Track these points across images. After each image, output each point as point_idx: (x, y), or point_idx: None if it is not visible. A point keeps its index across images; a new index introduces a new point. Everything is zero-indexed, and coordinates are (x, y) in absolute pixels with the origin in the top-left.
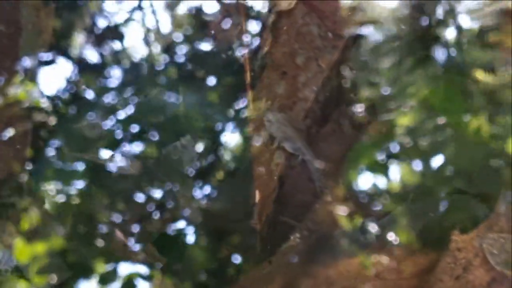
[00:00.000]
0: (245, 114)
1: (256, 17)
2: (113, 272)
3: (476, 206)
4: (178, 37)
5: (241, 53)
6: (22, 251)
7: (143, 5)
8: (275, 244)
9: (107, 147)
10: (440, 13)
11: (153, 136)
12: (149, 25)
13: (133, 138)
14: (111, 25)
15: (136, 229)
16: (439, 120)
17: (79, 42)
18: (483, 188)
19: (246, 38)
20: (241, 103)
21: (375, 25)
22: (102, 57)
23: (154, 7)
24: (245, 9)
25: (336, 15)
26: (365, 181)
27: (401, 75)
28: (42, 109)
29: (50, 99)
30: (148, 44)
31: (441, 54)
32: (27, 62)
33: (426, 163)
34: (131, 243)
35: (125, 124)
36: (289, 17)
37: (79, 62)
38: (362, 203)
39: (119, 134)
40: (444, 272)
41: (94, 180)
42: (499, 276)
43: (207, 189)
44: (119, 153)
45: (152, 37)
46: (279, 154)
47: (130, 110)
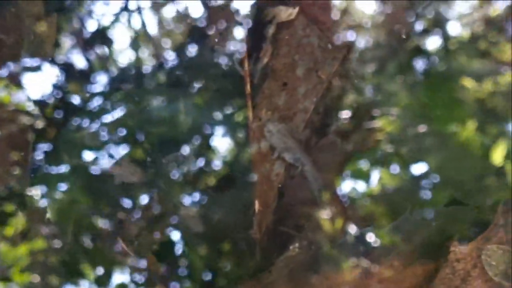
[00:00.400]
0: (245, 123)
1: (241, 22)
2: (106, 276)
3: (474, 217)
4: (168, 42)
5: (238, 62)
6: (6, 254)
7: (130, 7)
8: (274, 254)
9: (96, 151)
10: (424, 21)
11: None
12: (137, 28)
13: (124, 142)
14: (99, 28)
15: (135, 237)
16: (423, 128)
17: (66, 46)
18: (480, 199)
19: (236, 44)
20: (239, 113)
21: (360, 31)
22: (89, 61)
23: (141, 10)
24: (232, 14)
25: (334, 26)
26: (349, 187)
27: (385, 83)
28: (28, 113)
29: (36, 103)
30: (136, 48)
31: (425, 62)
32: (12, 67)
33: (411, 171)
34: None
35: (113, 128)
36: (290, 28)
37: (66, 67)
38: (353, 212)
39: (106, 137)
40: (442, 282)
41: (88, 186)
42: (497, 287)
43: (207, 199)
44: (110, 157)
45: (140, 40)
46: (279, 164)
47: (118, 114)
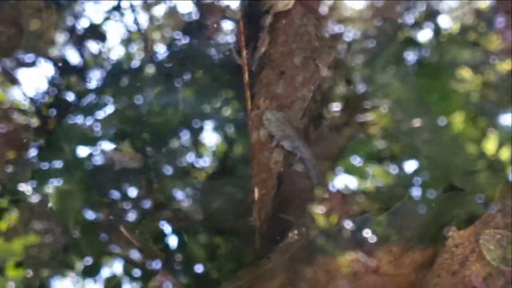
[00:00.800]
0: (243, 112)
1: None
2: (97, 267)
3: (472, 202)
4: (161, 37)
5: (235, 52)
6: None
7: (122, 5)
8: (274, 241)
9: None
10: (414, 14)
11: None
12: (130, 24)
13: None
14: (92, 25)
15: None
16: (417, 121)
17: (60, 42)
18: (478, 185)
19: (231, 36)
20: (236, 102)
21: (349, 24)
22: (83, 58)
23: (133, 7)
24: (222, 9)
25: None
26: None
27: (377, 74)
28: (23, 111)
29: (31, 100)
30: (129, 43)
31: (416, 54)
32: (6, 63)
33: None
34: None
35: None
36: (287, 17)
37: (60, 63)
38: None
39: (100, 132)
40: (441, 267)
41: (86, 176)
42: (495, 271)
43: (206, 187)
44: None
45: (133, 36)
46: (278, 152)
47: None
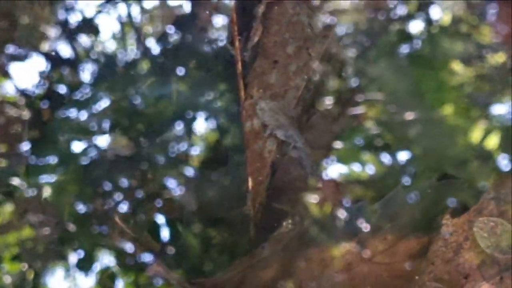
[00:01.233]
0: (236, 102)
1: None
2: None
3: (466, 190)
4: (153, 29)
5: (228, 42)
6: None
7: None
8: (268, 230)
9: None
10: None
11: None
12: (122, 17)
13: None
14: (85, 18)
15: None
16: (409, 114)
17: (52, 36)
18: (471, 174)
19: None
20: (230, 92)
21: (342, 16)
22: (75, 51)
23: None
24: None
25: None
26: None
27: (369, 66)
28: (15, 104)
29: (23, 94)
30: (123, 36)
31: (408, 46)
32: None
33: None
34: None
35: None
36: (279, 7)
37: (53, 56)
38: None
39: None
40: (435, 255)
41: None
42: (489, 259)
43: (201, 176)
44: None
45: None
46: (272, 141)
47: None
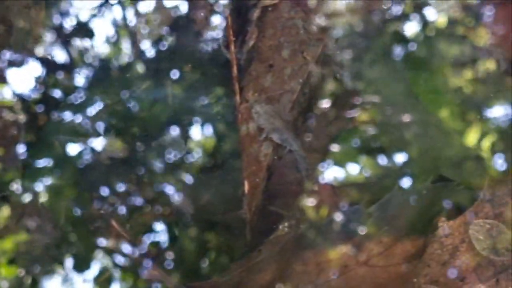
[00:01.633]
0: (232, 106)
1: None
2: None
3: (461, 193)
4: (148, 32)
5: (223, 46)
6: None
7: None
8: (264, 233)
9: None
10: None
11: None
12: (117, 21)
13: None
14: (80, 22)
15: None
16: (406, 117)
17: (48, 40)
18: (466, 176)
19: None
20: (227, 96)
21: (337, 18)
22: (70, 55)
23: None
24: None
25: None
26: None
27: (365, 69)
28: (12, 109)
29: (19, 98)
30: (117, 40)
31: (403, 48)
32: None
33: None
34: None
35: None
36: (274, 11)
37: (48, 60)
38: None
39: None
40: (431, 257)
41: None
42: (485, 261)
43: (197, 180)
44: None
45: (121, 32)
46: (267, 145)
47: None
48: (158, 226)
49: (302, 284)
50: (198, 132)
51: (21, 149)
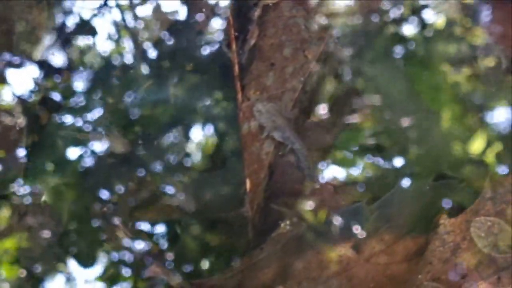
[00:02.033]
0: (234, 104)
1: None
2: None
3: (462, 190)
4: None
5: (225, 45)
6: None
7: (110, 3)
8: (266, 231)
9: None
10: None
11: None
12: (119, 21)
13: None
14: (82, 21)
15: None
16: (405, 120)
17: (49, 41)
18: (468, 174)
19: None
20: (228, 95)
21: (338, 18)
22: (71, 56)
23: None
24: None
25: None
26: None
27: (365, 69)
28: (11, 112)
29: (20, 100)
30: (119, 40)
31: (403, 49)
32: None
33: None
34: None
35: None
36: (276, 9)
37: (49, 62)
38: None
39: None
40: (433, 255)
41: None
42: (486, 258)
43: (199, 178)
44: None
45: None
46: (269, 143)
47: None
48: (160, 224)
49: (304, 281)
50: (200, 131)
51: (23, 150)
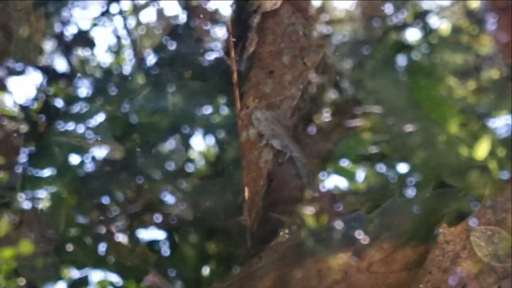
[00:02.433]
0: (233, 112)
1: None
2: (84, 278)
3: (462, 199)
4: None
5: (224, 52)
6: None
7: (112, 10)
8: (265, 239)
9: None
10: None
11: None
12: (119, 29)
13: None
14: (81, 30)
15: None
16: (408, 127)
17: (49, 48)
18: (468, 183)
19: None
20: (227, 102)
21: (338, 26)
22: (71, 65)
23: (122, 11)
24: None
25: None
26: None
27: (366, 79)
28: (13, 118)
29: (21, 107)
30: (118, 49)
31: (405, 57)
32: None
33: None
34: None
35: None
36: (275, 17)
37: (49, 69)
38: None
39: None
40: (433, 264)
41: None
42: (487, 268)
43: (197, 187)
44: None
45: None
46: (268, 151)
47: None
48: (158, 233)
49: None
50: (198, 139)
51: (23, 157)
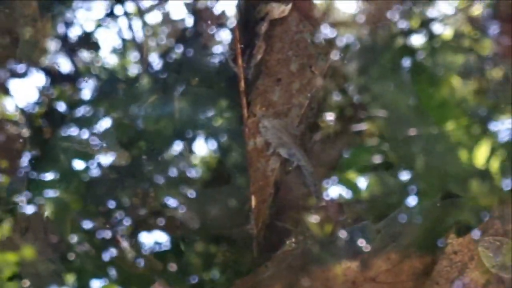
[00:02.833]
0: (239, 120)
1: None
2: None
3: (469, 209)
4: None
5: (231, 60)
6: None
7: (116, 12)
8: (271, 248)
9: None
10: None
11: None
12: (124, 32)
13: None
14: (86, 34)
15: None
16: (412, 130)
17: (54, 52)
18: (475, 192)
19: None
20: (234, 110)
21: (343, 29)
22: (76, 68)
23: (127, 14)
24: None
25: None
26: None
27: (372, 83)
28: (16, 122)
29: (24, 111)
30: (123, 52)
31: (410, 61)
32: (0, 73)
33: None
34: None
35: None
36: (283, 24)
37: (54, 73)
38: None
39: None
40: (440, 275)
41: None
42: (494, 278)
43: (204, 195)
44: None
45: (128, 45)
46: (275, 159)
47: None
48: (164, 240)
49: None
50: (205, 146)
51: (26, 162)
